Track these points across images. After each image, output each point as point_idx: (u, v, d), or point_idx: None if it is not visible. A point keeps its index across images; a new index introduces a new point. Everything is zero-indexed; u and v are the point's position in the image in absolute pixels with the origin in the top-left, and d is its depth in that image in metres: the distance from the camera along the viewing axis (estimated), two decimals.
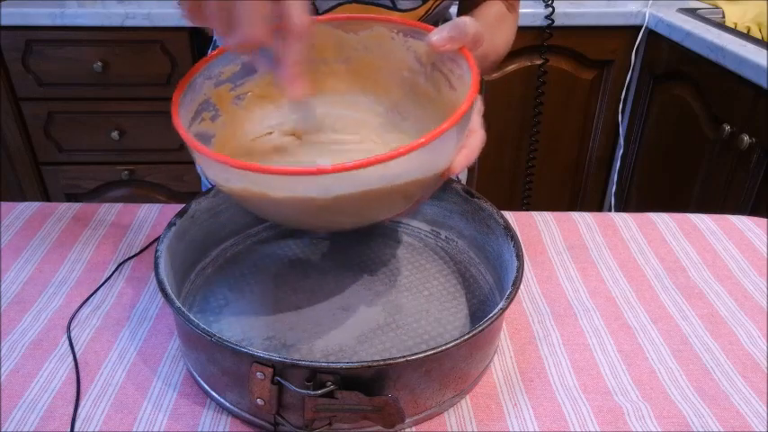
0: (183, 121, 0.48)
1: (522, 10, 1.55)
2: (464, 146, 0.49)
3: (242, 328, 0.57)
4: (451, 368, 0.48)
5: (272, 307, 0.59)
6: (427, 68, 0.54)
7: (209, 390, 0.51)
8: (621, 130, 1.70)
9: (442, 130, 0.42)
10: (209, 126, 0.54)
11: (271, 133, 0.58)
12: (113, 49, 1.52)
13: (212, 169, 0.46)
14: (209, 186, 0.67)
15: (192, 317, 0.47)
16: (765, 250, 0.71)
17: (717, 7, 1.56)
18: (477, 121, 0.51)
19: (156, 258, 0.53)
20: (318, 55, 0.58)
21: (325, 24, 0.56)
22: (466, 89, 0.46)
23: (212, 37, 0.80)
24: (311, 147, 0.58)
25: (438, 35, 0.49)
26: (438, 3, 0.70)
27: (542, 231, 0.74)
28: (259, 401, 0.46)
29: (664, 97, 1.53)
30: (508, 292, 0.51)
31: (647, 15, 1.53)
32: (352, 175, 0.41)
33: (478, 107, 0.52)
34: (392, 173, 0.43)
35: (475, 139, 0.50)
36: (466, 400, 0.52)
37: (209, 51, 0.78)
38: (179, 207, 0.63)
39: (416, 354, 0.44)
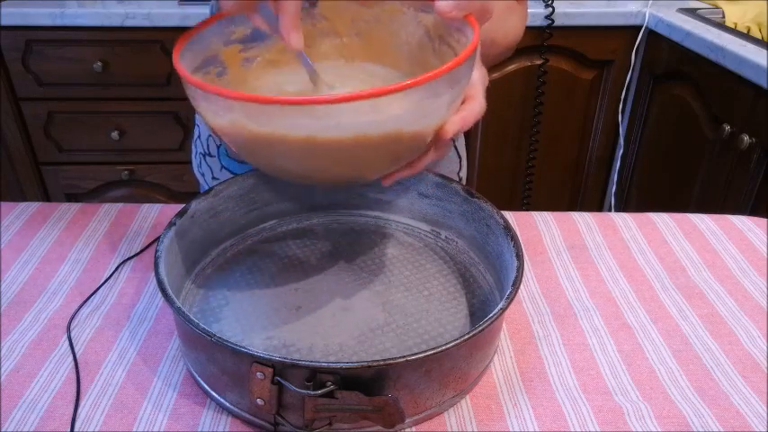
0: (184, 65, 0.48)
1: None
2: (461, 109, 0.48)
3: (242, 328, 0.57)
4: (451, 368, 0.48)
5: (272, 307, 0.59)
6: (435, 42, 0.54)
7: (209, 390, 0.51)
8: (621, 130, 1.70)
9: (433, 74, 0.41)
10: (213, 80, 0.54)
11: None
12: (113, 49, 1.52)
13: (204, 101, 0.46)
14: (207, 187, 0.67)
15: (192, 317, 0.47)
16: (765, 250, 0.71)
17: (717, 7, 1.56)
18: (478, 90, 0.50)
19: (156, 258, 0.53)
20: (331, 27, 0.58)
21: None
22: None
23: None
24: None
25: (444, 1, 0.48)
26: None
27: (542, 231, 0.74)
28: (259, 401, 0.46)
29: (664, 97, 1.53)
30: (508, 292, 0.51)
31: (647, 15, 1.53)
32: (332, 110, 0.40)
33: (482, 77, 0.51)
34: (377, 116, 0.42)
35: (473, 104, 0.49)
36: (466, 400, 0.52)
37: None
38: (179, 207, 0.63)
39: (416, 354, 0.44)
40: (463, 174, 0.86)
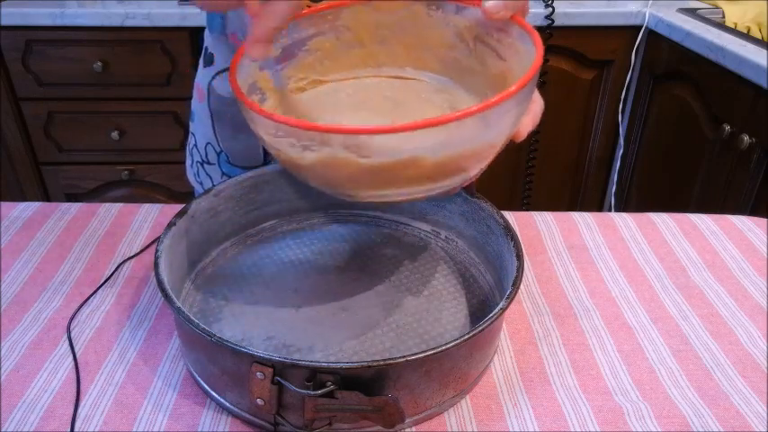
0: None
1: None
2: (528, 111, 0.50)
3: (242, 328, 0.57)
4: (451, 368, 0.48)
5: (272, 307, 0.59)
6: (469, 43, 0.54)
7: (209, 390, 0.51)
8: (621, 130, 1.70)
9: (518, 86, 0.41)
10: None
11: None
12: (113, 49, 1.53)
13: (291, 136, 0.44)
14: (201, 192, 0.66)
15: (192, 317, 0.47)
16: (765, 250, 0.71)
17: (717, 7, 1.56)
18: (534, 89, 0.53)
19: (156, 258, 0.53)
20: (354, 37, 0.57)
21: (361, 5, 0.56)
22: (523, 56, 0.47)
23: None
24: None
25: (492, 2, 0.49)
26: None
27: (542, 231, 0.74)
28: (259, 401, 0.46)
29: (664, 97, 1.53)
30: (508, 292, 0.51)
31: (647, 15, 1.53)
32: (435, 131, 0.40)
33: None
34: (474, 132, 0.43)
35: (536, 105, 0.52)
36: (466, 400, 0.52)
37: (202, 53, 0.78)
38: (179, 207, 0.63)
39: (416, 354, 0.44)
40: None
